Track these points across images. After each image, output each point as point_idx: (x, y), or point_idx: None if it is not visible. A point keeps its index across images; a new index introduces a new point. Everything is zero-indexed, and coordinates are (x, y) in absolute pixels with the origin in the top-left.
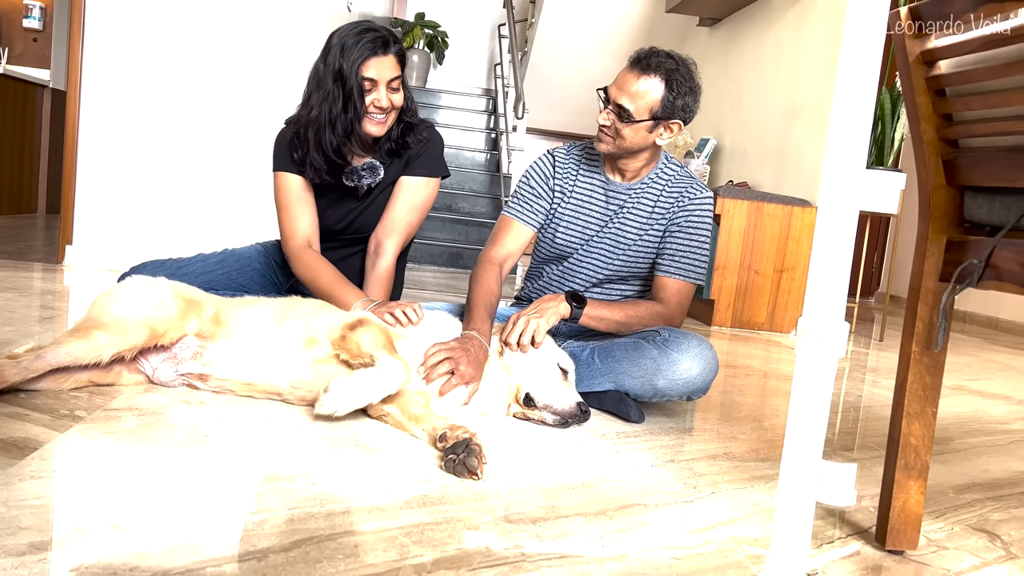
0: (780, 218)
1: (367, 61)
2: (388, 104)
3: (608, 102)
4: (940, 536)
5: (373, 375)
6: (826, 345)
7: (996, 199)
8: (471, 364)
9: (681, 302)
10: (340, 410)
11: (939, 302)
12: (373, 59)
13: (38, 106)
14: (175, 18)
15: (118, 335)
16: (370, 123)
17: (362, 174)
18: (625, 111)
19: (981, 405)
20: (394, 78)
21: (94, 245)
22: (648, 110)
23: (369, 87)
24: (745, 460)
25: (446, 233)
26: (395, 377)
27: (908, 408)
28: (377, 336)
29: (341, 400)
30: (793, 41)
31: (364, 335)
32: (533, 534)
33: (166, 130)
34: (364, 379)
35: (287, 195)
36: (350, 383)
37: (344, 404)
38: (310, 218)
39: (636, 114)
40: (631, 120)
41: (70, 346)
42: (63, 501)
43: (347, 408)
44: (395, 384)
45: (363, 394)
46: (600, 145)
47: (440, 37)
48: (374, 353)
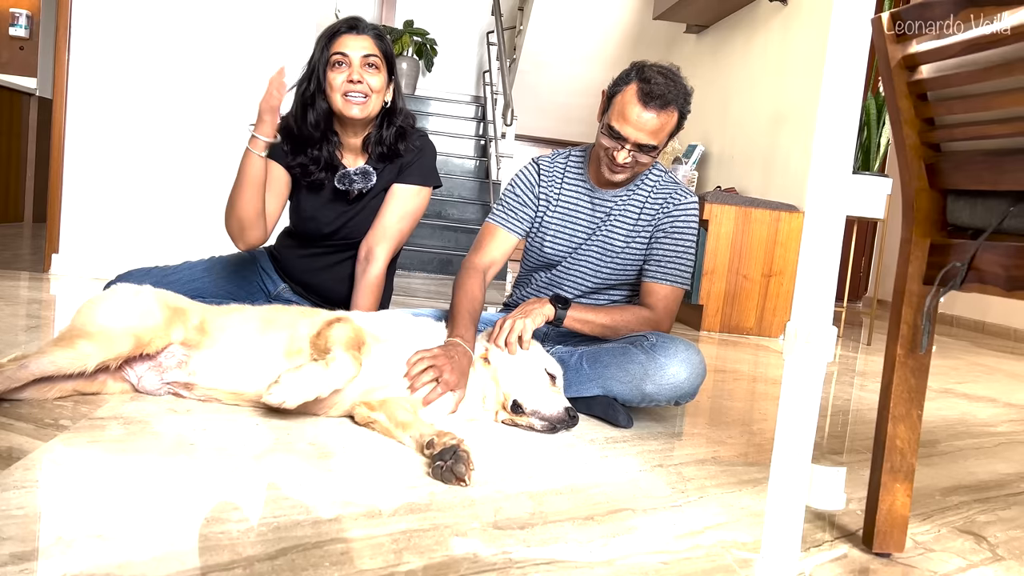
0: (768, 223)
1: (340, 37)
2: (363, 81)
3: (621, 140)
4: (927, 538)
5: (320, 369)
6: (814, 349)
7: (978, 202)
8: (454, 371)
9: (668, 307)
10: (289, 401)
11: (923, 305)
12: (345, 36)
13: (25, 114)
14: (161, 26)
15: (103, 344)
16: (346, 102)
17: (354, 179)
18: (649, 146)
19: (968, 408)
20: (369, 55)
21: (80, 253)
22: (667, 135)
23: (340, 60)
24: (734, 464)
25: (435, 240)
26: (342, 372)
27: (894, 411)
28: (344, 332)
29: (290, 391)
30: (779, 47)
31: (335, 331)
32: (521, 540)
33: (153, 138)
34: (311, 373)
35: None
36: (299, 376)
37: (293, 395)
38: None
39: (659, 145)
40: (655, 151)
41: (54, 355)
42: (47, 511)
43: (295, 399)
44: (341, 379)
45: (310, 387)
46: (615, 177)
47: (429, 44)
48: (332, 348)
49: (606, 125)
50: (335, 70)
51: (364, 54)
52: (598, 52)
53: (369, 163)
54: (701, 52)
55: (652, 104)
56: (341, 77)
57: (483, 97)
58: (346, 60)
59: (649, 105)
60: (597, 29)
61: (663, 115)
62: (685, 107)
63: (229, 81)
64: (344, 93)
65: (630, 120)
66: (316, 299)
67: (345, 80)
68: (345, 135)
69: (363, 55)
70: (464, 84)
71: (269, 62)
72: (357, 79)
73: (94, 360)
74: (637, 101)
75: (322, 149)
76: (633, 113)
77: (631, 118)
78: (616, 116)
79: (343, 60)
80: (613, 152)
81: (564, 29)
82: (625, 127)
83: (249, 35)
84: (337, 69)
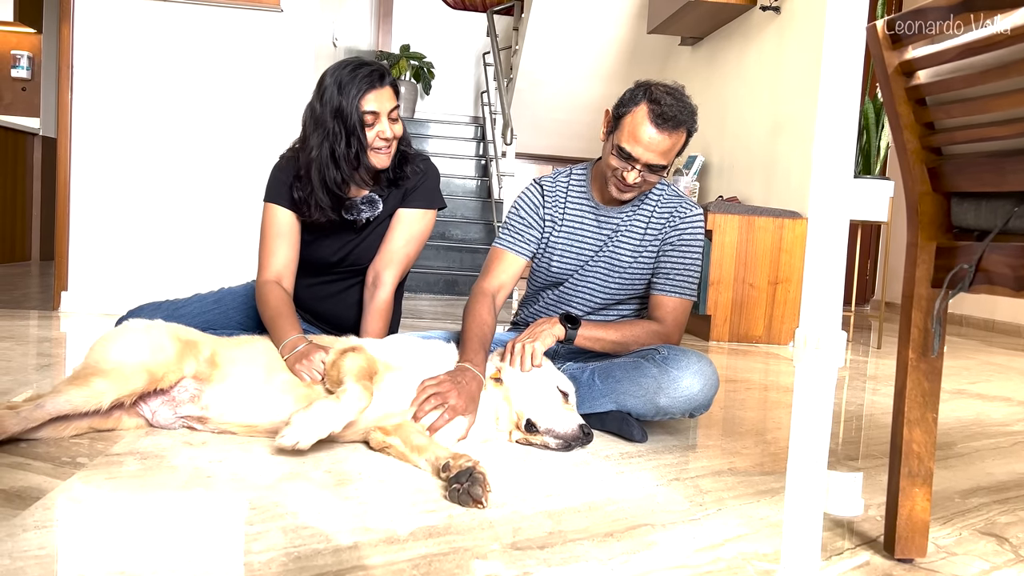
0: (771, 231)
1: (366, 95)
2: (391, 135)
3: (631, 160)
4: (948, 542)
5: (331, 404)
6: (824, 355)
7: (982, 204)
8: (461, 396)
9: (677, 319)
10: (302, 442)
11: (933, 308)
12: (372, 92)
13: (29, 154)
14: (162, 61)
15: (117, 381)
16: (375, 155)
17: (362, 208)
18: (659, 167)
19: (982, 408)
20: (393, 108)
21: (90, 290)
22: (675, 153)
23: (371, 120)
24: (750, 475)
25: (440, 261)
26: (353, 405)
27: (908, 415)
28: (356, 363)
29: (302, 432)
30: (774, 56)
31: (348, 361)
32: (541, 559)
33: (157, 173)
34: (322, 409)
35: (271, 228)
36: (310, 415)
37: (306, 435)
38: (287, 255)
39: (668, 164)
40: (663, 170)
41: (69, 395)
42: (67, 550)
43: (309, 439)
44: (353, 411)
45: (323, 424)
46: (624, 196)
47: (426, 68)
48: (344, 380)
49: (615, 146)
50: (366, 129)
51: (391, 108)
52: (594, 68)
53: (374, 191)
54: (697, 64)
55: (664, 126)
56: (372, 133)
57: (482, 117)
58: (376, 118)
59: (661, 127)
60: (592, 46)
61: (675, 136)
62: (693, 126)
63: (231, 113)
64: (374, 148)
65: (642, 141)
66: (326, 326)
67: (376, 136)
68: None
69: (390, 108)
70: (462, 105)
71: (270, 93)
72: (390, 136)
73: (109, 398)
74: (649, 123)
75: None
76: (645, 135)
77: (643, 139)
78: (627, 137)
79: (372, 120)
80: (623, 172)
81: (559, 47)
82: (636, 148)
83: (249, 67)
84: (367, 128)
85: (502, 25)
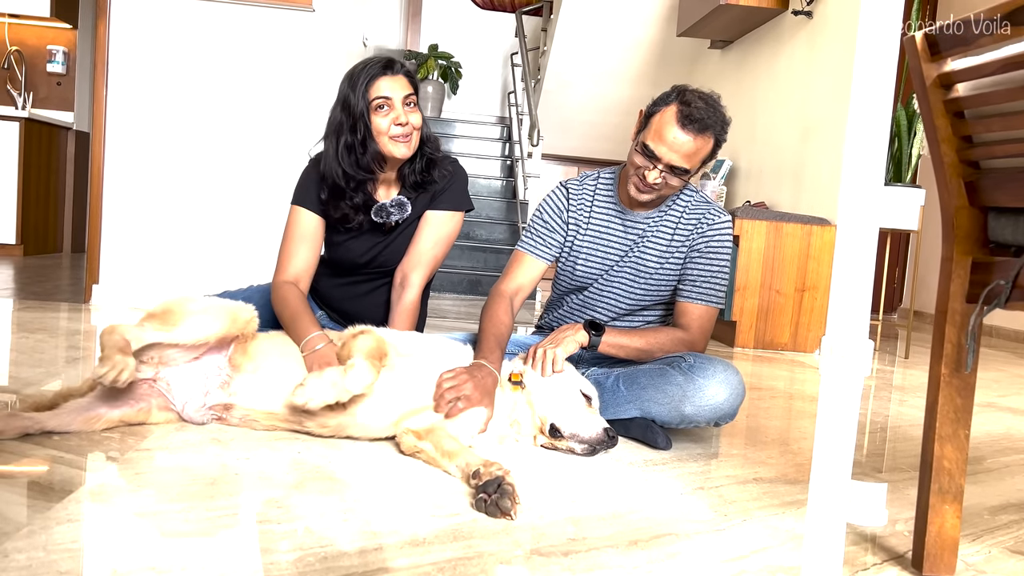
0: (799, 237)
1: (375, 81)
2: (407, 120)
3: (654, 159)
4: (978, 560)
5: (339, 374)
6: (851, 364)
7: (1021, 219)
8: (477, 388)
9: (703, 327)
10: (312, 402)
11: (967, 324)
12: (382, 78)
13: (62, 148)
14: (197, 59)
15: (219, 317)
16: (394, 144)
17: (391, 211)
18: (681, 169)
19: (1012, 422)
20: (408, 95)
21: (120, 284)
22: (700, 161)
23: (382, 104)
24: (775, 485)
25: (465, 261)
26: (359, 379)
27: (940, 431)
28: (366, 343)
29: (312, 392)
30: (805, 60)
31: (359, 341)
32: (565, 567)
33: (189, 168)
34: (331, 376)
35: (295, 230)
36: (320, 379)
37: (315, 397)
38: (307, 258)
39: (692, 169)
40: (686, 175)
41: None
42: (99, 544)
43: (317, 401)
44: (358, 385)
45: (330, 389)
46: (642, 197)
47: (454, 68)
48: (354, 357)
49: (640, 143)
50: (378, 113)
51: (404, 95)
52: (623, 70)
53: (403, 193)
54: (726, 68)
55: (690, 127)
56: (387, 120)
57: (508, 118)
58: (388, 103)
59: (687, 128)
60: (621, 48)
61: (699, 139)
62: (722, 135)
63: (263, 111)
64: (392, 136)
65: (666, 140)
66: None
67: (392, 123)
68: (383, 172)
69: (403, 95)
70: (489, 106)
71: (300, 92)
72: (404, 121)
73: (216, 328)
74: (675, 122)
75: (361, 192)
76: (670, 134)
77: (667, 138)
78: (652, 135)
79: (385, 103)
80: (644, 171)
81: (588, 48)
82: (660, 147)
83: (281, 66)
84: (380, 112)
85: (530, 26)
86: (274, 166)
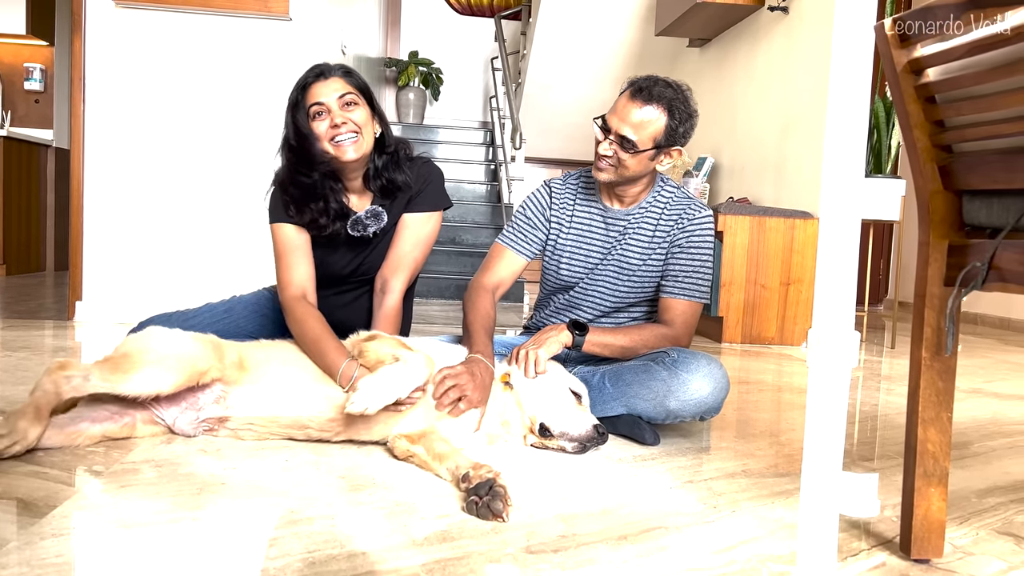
0: (783, 231)
1: (309, 90)
2: (344, 120)
3: (608, 131)
4: (965, 542)
5: (399, 368)
6: (838, 355)
7: (994, 201)
8: (478, 388)
9: (687, 322)
10: (371, 407)
11: (945, 307)
12: (314, 85)
13: (42, 165)
14: (174, 71)
15: (175, 369)
16: (336, 148)
17: (368, 223)
18: (629, 141)
19: (998, 407)
20: (344, 93)
21: (104, 300)
22: (652, 139)
23: (319, 111)
24: (764, 476)
25: (451, 266)
26: (421, 369)
27: (923, 415)
28: (393, 343)
29: (371, 396)
30: (783, 55)
31: (380, 344)
32: (555, 564)
33: (170, 183)
34: (391, 373)
35: (283, 244)
36: (378, 378)
37: (374, 400)
38: (306, 268)
39: (640, 144)
40: (635, 150)
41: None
42: (84, 558)
43: (377, 404)
44: (422, 375)
45: (392, 388)
46: (600, 174)
47: (434, 74)
48: (395, 353)
49: (600, 117)
50: (316, 120)
51: (339, 95)
52: (603, 71)
53: (376, 201)
54: (705, 66)
55: (638, 97)
56: (324, 125)
57: (491, 122)
58: (323, 107)
59: (636, 98)
60: (600, 49)
61: (648, 108)
62: (675, 112)
63: (242, 123)
64: (332, 139)
65: (617, 111)
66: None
67: (329, 127)
68: (346, 179)
69: (337, 96)
70: (471, 111)
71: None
72: (341, 122)
73: (171, 381)
74: (628, 95)
75: (328, 201)
76: (620, 103)
77: (617, 108)
78: (609, 110)
79: (321, 109)
80: (597, 145)
81: (568, 51)
82: (612, 118)
83: (260, 76)
84: (318, 119)
85: (510, 30)
86: (254, 177)
